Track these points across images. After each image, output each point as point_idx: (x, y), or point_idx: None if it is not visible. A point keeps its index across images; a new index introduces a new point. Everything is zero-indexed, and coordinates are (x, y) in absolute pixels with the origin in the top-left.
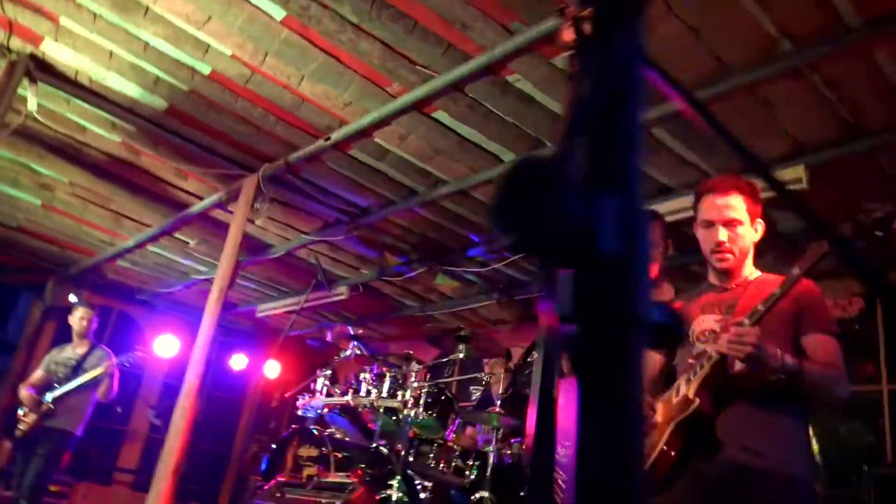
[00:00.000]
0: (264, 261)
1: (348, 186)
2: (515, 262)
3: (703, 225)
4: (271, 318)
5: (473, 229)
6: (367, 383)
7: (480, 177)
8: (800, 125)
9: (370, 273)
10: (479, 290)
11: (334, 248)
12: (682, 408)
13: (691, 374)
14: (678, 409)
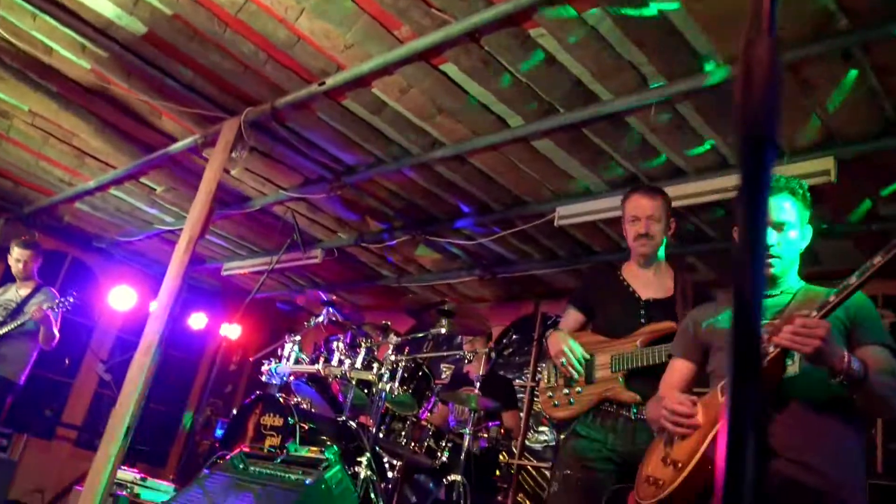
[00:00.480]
0: (236, 215)
1: (336, 141)
2: (504, 238)
3: None
4: (237, 278)
5: (465, 199)
6: (340, 353)
7: (481, 141)
8: (836, 114)
9: (348, 238)
10: (461, 264)
11: (313, 208)
12: None
13: None
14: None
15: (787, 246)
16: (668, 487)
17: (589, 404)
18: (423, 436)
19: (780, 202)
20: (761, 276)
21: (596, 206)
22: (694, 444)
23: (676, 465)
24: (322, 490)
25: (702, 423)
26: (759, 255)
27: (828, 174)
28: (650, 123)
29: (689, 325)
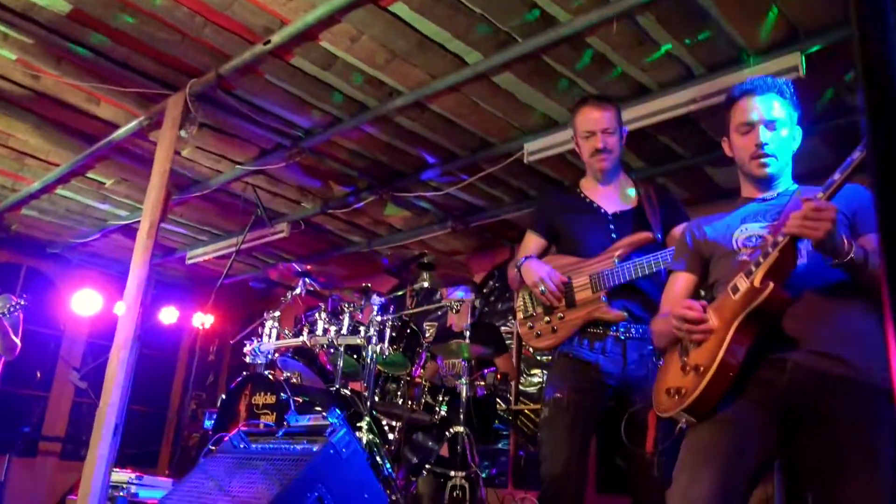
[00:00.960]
0: (192, 199)
1: (289, 103)
2: (472, 185)
3: (739, 129)
4: (203, 265)
5: (429, 149)
6: (324, 322)
7: (440, 84)
8: (798, 5)
9: (312, 207)
10: (432, 218)
11: (272, 180)
12: (748, 299)
13: (752, 267)
14: (743, 301)
15: (780, 144)
16: (692, 394)
17: (573, 329)
18: (419, 393)
19: (769, 101)
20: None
21: (564, 137)
22: (714, 347)
23: (698, 369)
24: (331, 455)
25: (717, 326)
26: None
27: (797, 70)
28: (612, 41)
29: (688, 237)
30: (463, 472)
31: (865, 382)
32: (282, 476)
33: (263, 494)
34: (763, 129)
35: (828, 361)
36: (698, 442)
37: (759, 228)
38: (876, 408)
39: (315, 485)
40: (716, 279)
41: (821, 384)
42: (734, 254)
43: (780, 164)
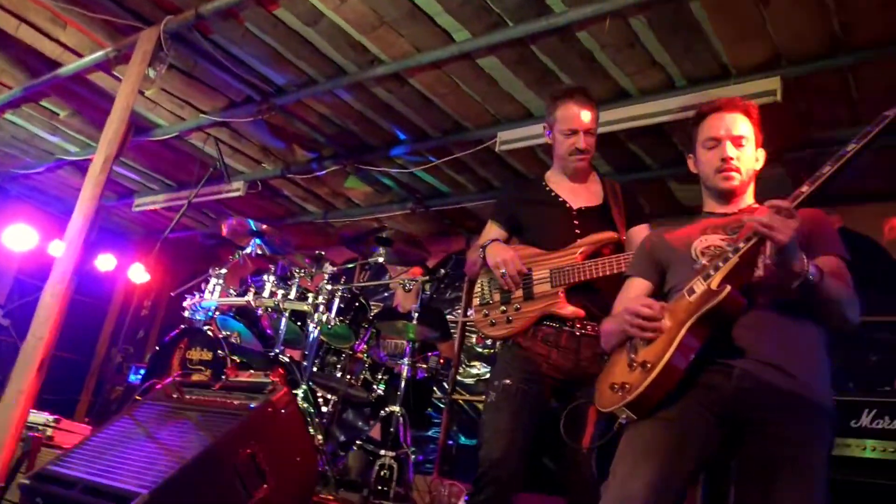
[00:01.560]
0: (149, 143)
1: (265, 56)
2: (438, 168)
3: (706, 145)
4: (150, 214)
5: (402, 125)
6: (271, 284)
7: (424, 58)
8: (786, 31)
9: (272, 168)
10: (393, 197)
11: (236, 135)
12: (704, 300)
13: (710, 271)
14: (698, 303)
15: (744, 161)
16: (636, 390)
17: (528, 322)
18: (359, 368)
19: (736, 119)
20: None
21: (538, 131)
22: (663, 345)
23: (645, 365)
24: (269, 413)
25: (669, 326)
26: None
27: (774, 94)
28: (601, 39)
29: (647, 244)
30: (393, 452)
31: (809, 400)
32: (215, 428)
33: (194, 445)
34: (729, 145)
35: (775, 373)
36: (639, 438)
37: (719, 241)
38: (817, 427)
39: (249, 441)
40: (672, 286)
41: (767, 396)
42: (692, 262)
43: (743, 180)
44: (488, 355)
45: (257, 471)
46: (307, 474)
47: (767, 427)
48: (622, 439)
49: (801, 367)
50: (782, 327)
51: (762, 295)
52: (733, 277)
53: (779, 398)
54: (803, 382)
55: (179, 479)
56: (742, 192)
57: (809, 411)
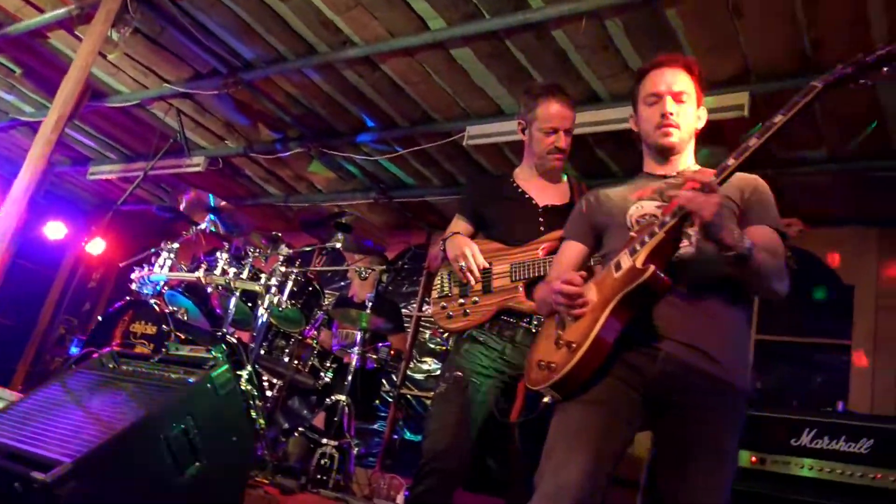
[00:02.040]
0: (108, 110)
1: (236, 28)
2: (404, 158)
3: (647, 101)
4: (104, 184)
5: (370, 111)
6: (224, 262)
7: (397, 43)
8: (757, 46)
9: (235, 146)
10: (356, 185)
11: (199, 108)
12: (628, 279)
13: (636, 245)
14: (623, 281)
15: (685, 117)
16: (561, 370)
17: (485, 315)
18: (308, 355)
19: (677, 75)
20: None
21: (508, 128)
22: (588, 324)
23: (570, 346)
24: (207, 390)
25: (594, 303)
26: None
27: (741, 109)
28: (576, 40)
29: (584, 206)
30: (336, 442)
31: (732, 385)
32: (149, 401)
33: (125, 416)
34: (669, 100)
35: (700, 357)
36: (567, 423)
37: (654, 208)
38: (736, 412)
39: (184, 416)
40: (607, 252)
41: (690, 379)
42: (626, 230)
43: (682, 136)
44: (440, 352)
45: (190, 447)
46: (243, 456)
47: (688, 410)
48: (552, 423)
49: (724, 352)
50: (708, 307)
51: (689, 271)
52: (660, 252)
53: (702, 382)
54: (727, 367)
55: (106, 450)
56: (681, 151)
57: (730, 397)
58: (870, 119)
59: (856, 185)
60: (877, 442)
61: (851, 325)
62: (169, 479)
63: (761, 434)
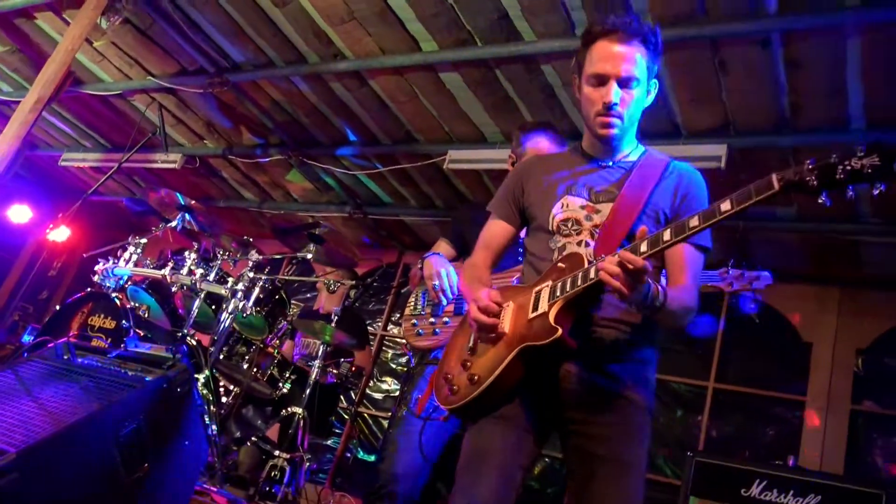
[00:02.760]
0: (88, 97)
1: (228, 29)
2: (383, 176)
3: (591, 81)
4: (75, 172)
5: (354, 125)
6: (191, 262)
7: (388, 61)
8: (739, 102)
9: (214, 147)
10: (332, 198)
11: (182, 105)
12: (538, 333)
13: (557, 287)
14: (533, 333)
15: (630, 106)
16: (461, 400)
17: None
18: (267, 364)
19: (631, 53)
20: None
21: (491, 156)
22: (494, 360)
23: (473, 378)
24: (163, 390)
25: (507, 334)
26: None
27: (718, 160)
28: (565, 76)
29: (513, 188)
30: (288, 455)
31: (628, 398)
32: (103, 396)
33: (76, 410)
34: (615, 89)
35: (598, 375)
36: (478, 442)
37: (579, 209)
38: (632, 422)
39: (137, 414)
40: (531, 252)
41: (588, 395)
42: (549, 236)
43: (625, 127)
44: (401, 372)
45: (141, 448)
46: (193, 461)
47: (588, 426)
48: (464, 441)
49: (623, 372)
50: (615, 335)
51: (604, 306)
52: (575, 303)
53: (598, 397)
54: (624, 384)
55: (53, 443)
56: (622, 139)
57: (628, 410)
58: None
59: (821, 246)
60: (824, 499)
61: (807, 381)
62: (115, 479)
63: (712, 482)
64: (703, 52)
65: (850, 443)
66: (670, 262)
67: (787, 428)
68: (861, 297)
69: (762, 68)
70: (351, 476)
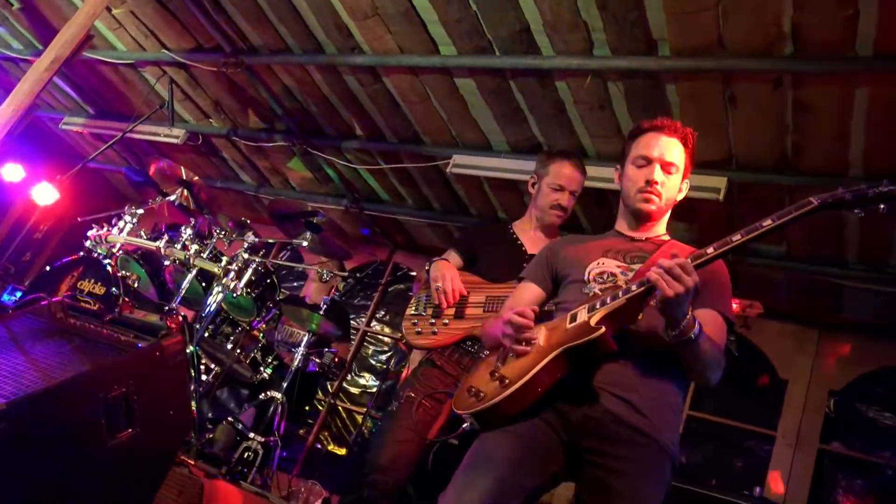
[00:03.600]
0: (98, 63)
1: (249, 11)
2: (384, 173)
3: (636, 162)
4: (75, 137)
5: (362, 120)
6: (186, 237)
7: (405, 60)
8: (744, 136)
9: (219, 127)
10: (331, 190)
11: (192, 81)
12: (578, 333)
13: (597, 304)
14: (573, 334)
15: (668, 189)
16: (487, 401)
17: (452, 338)
18: (252, 347)
19: (672, 145)
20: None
21: (494, 164)
22: (527, 364)
23: (503, 380)
24: (156, 358)
25: (541, 345)
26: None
27: (717, 192)
28: (577, 94)
29: (547, 253)
30: (263, 438)
31: (653, 437)
32: (94, 357)
33: (66, 368)
34: (658, 168)
35: (626, 408)
36: (483, 450)
37: (615, 267)
38: (655, 466)
39: (126, 379)
40: (560, 302)
41: (612, 427)
42: (583, 284)
43: (661, 206)
44: (380, 369)
45: (127, 412)
46: (177, 431)
47: (609, 458)
48: (470, 449)
49: (653, 409)
50: (646, 373)
51: (638, 339)
52: (616, 317)
53: (625, 432)
54: (653, 423)
55: (42, 398)
56: (657, 219)
57: (653, 452)
58: (833, 223)
59: (806, 286)
60: None
61: (779, 417)
62: (99, 440)
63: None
64: (714, 84)
65: (814, 480)
66: (702, 322)
67: (756, 461)
68: (839, 341)
69: (771, 106)
70: (320, 468)
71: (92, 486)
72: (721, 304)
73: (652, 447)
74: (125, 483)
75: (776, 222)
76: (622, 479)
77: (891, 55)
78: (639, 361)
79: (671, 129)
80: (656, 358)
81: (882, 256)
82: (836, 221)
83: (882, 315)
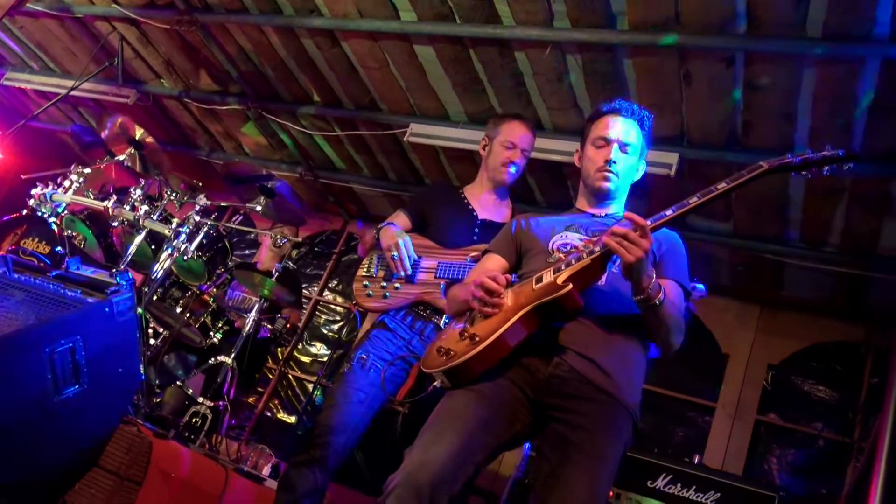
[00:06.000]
0: (45, 15)
1: None
2: (339, 140)
3: (595, 143)
4: (18, 93)
5: (319, 85)
6: (136, 199)
7: (365, 24)
8: (697, 115)
9: (171, 87)
10: (285, 156)
11: (144, 39)
12: (546, 291)
13: (562, 266)
14: (541, 292)
15: (625, 168)
16: (458, 358)
17: (403, 302)
18: (201, 311)
19: (629, 126)
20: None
21: (452, 134)
22: (497, 323)
23: (473, 338)
24: (104, 314)
25: (509, 305)
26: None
27: (669, 168)
28: (536, 66)
29: (513, 226)
30: (211, 403)
31: (615, 396)
32: (41, 311)
33: (10, 323)
34: (616, 149)
35: (590, 367)
36: (450, 407)
37: (577, 240)
38: (617, 423)
39: (73, 335)
40: (524, 272)
41: (576, 385)
42: (548, 255)
43: (619, 185)
44: (332, 338)
45: (74, 368)
46: (125, 389)
47: (570, 414)
48: (436, 407)
49: (616, 369)
50: (610, 333)
51: (600, 302)
52: (580, 277)
53: (587, 389)
54: (616, 382)
55: None
56: (615, 197)
57: (615, 410)
58: (777, 202)
59: (749, 263)
60: (723, 496)
61: (720, 389)
62: (44, 398)
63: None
64: (670, 61)
65: (751, 449)
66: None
67: (696, 430)
68: (778, 317)
69: (723, 85)
70: (268, 435)
71: (37, 441)
72: (678, 273)
73: (614, 406)
74: (72, 439)
75: (730, 185)
76: (582, 433)
77: (838, 36)
78: (604, 324)
79: (629, 112)
80: (622, 321)
81: (822, 236)
82: (780, 201)
83: (821, 292)
